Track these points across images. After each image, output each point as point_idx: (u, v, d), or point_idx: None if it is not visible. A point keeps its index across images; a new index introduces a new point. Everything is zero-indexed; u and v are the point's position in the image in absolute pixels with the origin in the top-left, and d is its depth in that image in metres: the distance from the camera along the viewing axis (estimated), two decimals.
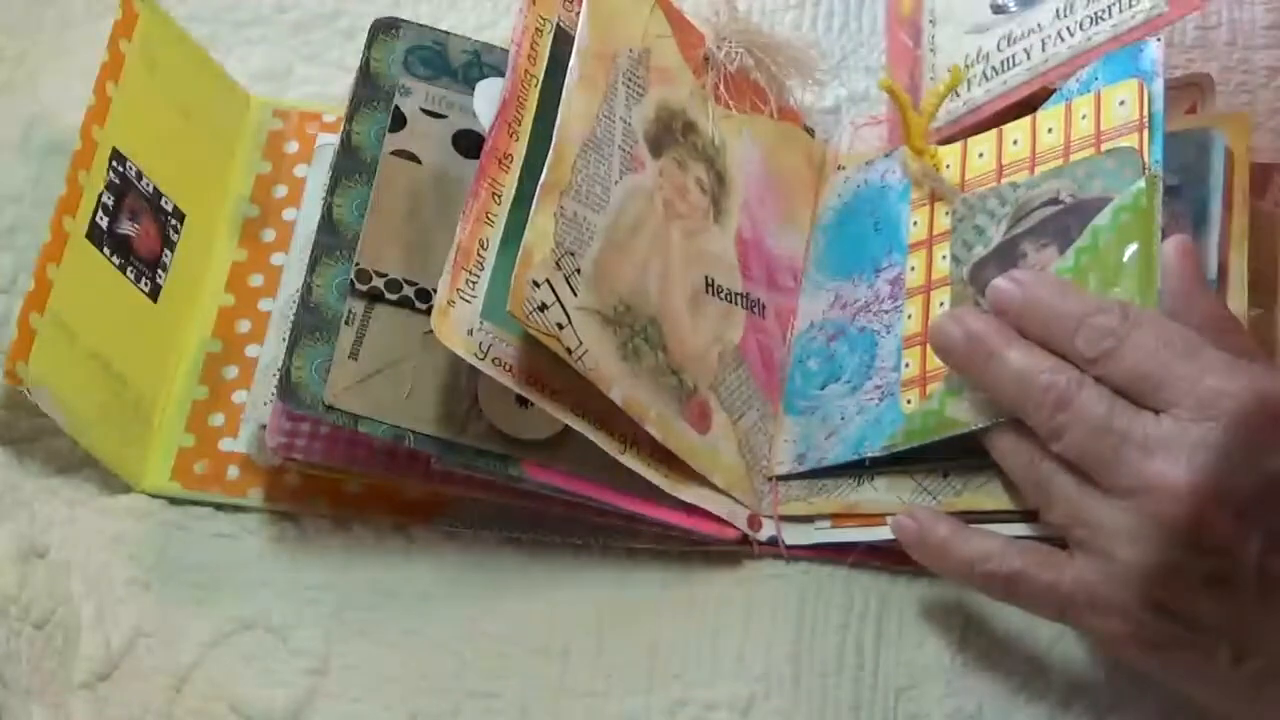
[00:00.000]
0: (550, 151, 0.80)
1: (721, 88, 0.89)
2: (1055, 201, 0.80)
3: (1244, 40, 0.95)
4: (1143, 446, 0.69)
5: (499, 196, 0.81)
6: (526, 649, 0.81)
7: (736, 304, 0.86)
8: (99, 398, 0.84)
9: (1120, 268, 0.75)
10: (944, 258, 0.83)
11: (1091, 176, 0.79)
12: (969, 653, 0.80)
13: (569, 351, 0.78)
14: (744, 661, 0.80)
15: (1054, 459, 0.72)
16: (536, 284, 0.78)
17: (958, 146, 0.85)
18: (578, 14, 0.83)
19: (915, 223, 0.86)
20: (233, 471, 0.86)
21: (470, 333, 0.78)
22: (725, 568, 0.83)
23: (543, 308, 0.78)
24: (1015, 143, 0.83)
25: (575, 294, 0.79)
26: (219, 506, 0.85)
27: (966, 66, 0.88)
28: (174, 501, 0.86)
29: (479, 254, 0.80)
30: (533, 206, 0.78)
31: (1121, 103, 0.79)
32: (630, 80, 0.85)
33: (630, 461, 0.81)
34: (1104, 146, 0.79)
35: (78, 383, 0.83)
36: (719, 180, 0.87)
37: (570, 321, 0.79)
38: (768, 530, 0.83)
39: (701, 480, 0.83)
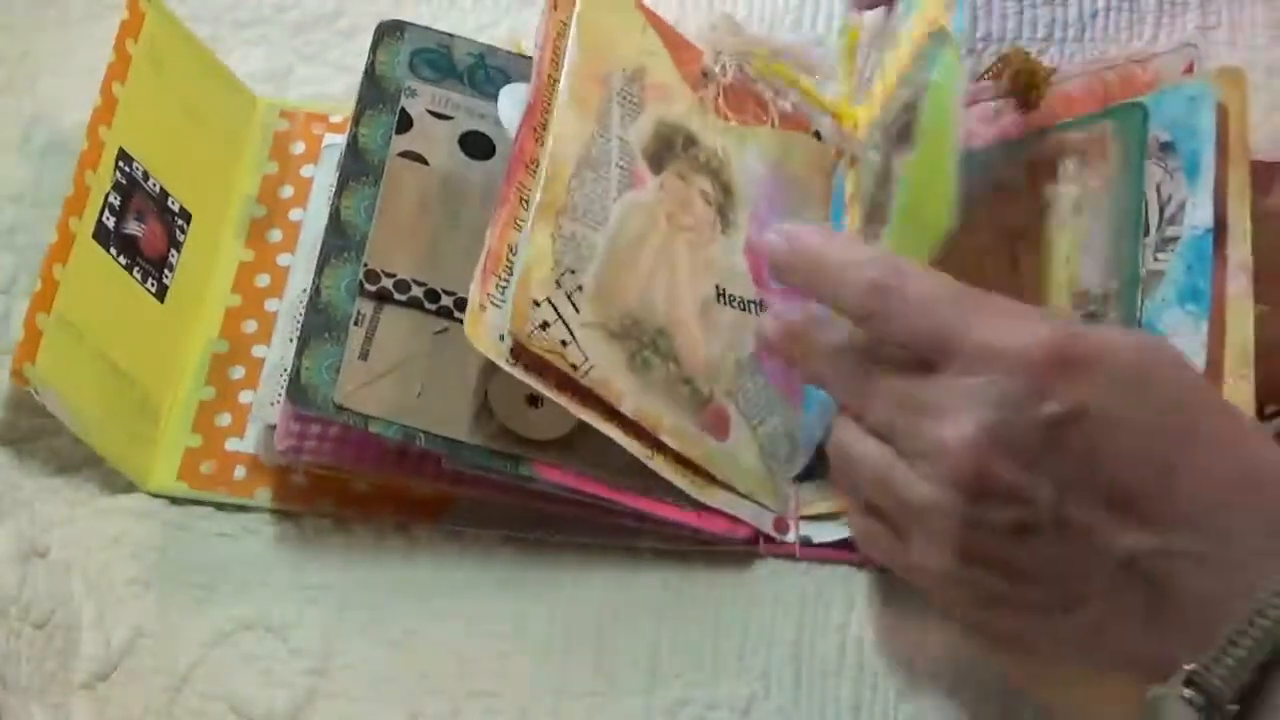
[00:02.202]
0: (541, 172, 0.80)
1: (721, 101, 0.89)
2: (908, 107, 0.80)
3: (1245, 40, 0.94)
4: (922, 409, 0.69)
5: (527, 202, 0.81)
6: (527, 649, 0.81)
7: (750, 311, 0.86)
8: (106, 398, 0.84)
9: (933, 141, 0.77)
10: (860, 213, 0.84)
11: (920, 70, 0.80)
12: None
13: (574, 367, 0.79)
14: (744, 661, 0.80)
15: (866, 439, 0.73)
16: (536, 303, 0.79)
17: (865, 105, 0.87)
18: None
19: (848, 189, 0.87)
20: (240, 472, 0.86)
21: (501, 338, 0.78)
22: (726, 568, 0.82)
23: (544, 326, 0.78)
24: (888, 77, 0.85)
25: (578, 310, 0.80)
26: (220, 506, 0.85)
27: None
28: (175, 501, 0.85)
29: (508, 259, 0.80)
30: (527, 227, 0.79)
31: None
32: (625, 99, 0.85)
33: (658, 466, 0.81)
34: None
35: (85, 383, 0.83)
36: (725, 192, 0.87)
37: (574, 338, 0.79)
38: (794, 532, 0.83)
39: (727, 485, 0.82)
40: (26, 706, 0.79)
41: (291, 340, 0.83)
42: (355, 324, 0.82)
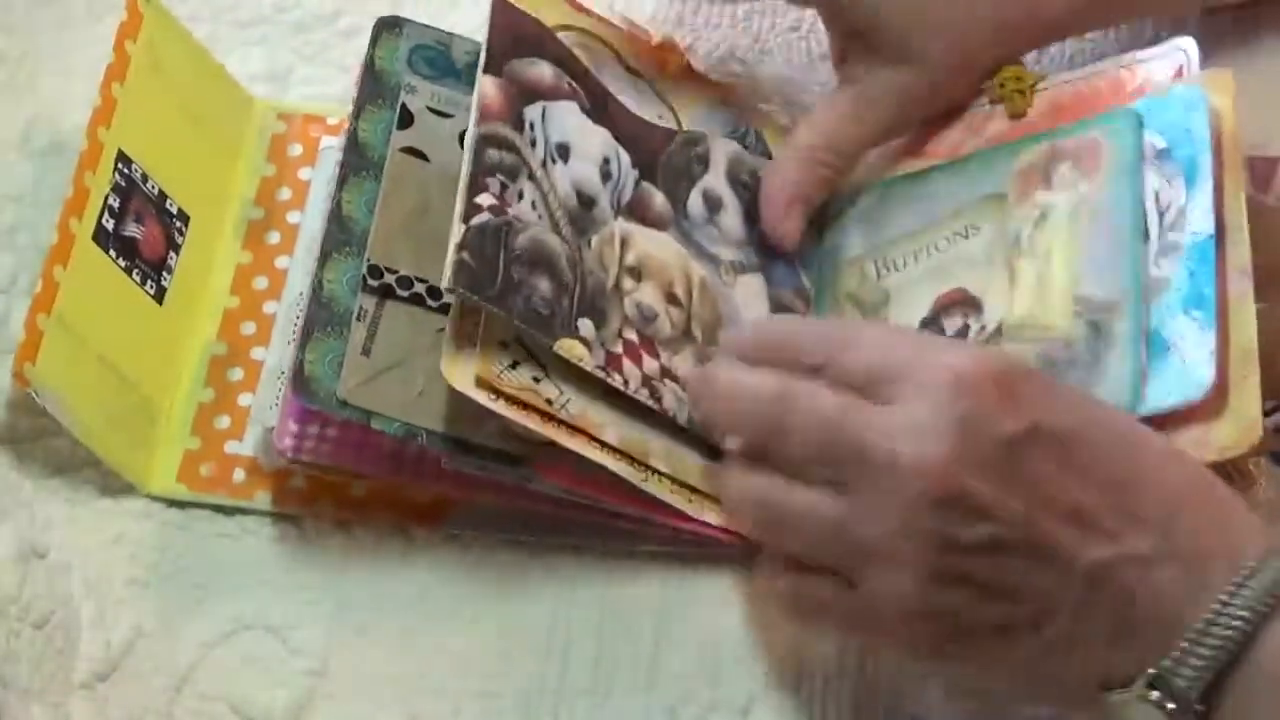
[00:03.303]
0: None
1: None
2: None
3: (1249, 30, 0.95)
4: (886, 434, 0.70)
5: None
6: (527, 649, 0.81)
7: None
8: (106, 400, 0.84)
9: None
10: None
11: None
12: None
13: (549, 403, 0.78)
14: (744, 662, 0.80)
15: (794, 488, 0.73)
16: (504, 344, 0.79)
17: None
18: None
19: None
20: (239, 474, 0.86)
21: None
22: (727, 568, 0.82)
23: (515, 365, 0.78)
24: None
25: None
26: (219, 509, 0.85)
27: None
28: (174, 503, 0.85)
29: None
30: None
31: None
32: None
33: (654, 489, 0.80)
34: None
35: (85, 385, 0.83)
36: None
37: (547, 374, 0.79)
38: None
39: None
40: (26, 707, 0.79)
41: (290, 343, 0.83)
42: (358, 319, 0.82)
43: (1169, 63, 0.85)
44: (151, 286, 0.87)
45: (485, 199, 0.80)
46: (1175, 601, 0.69)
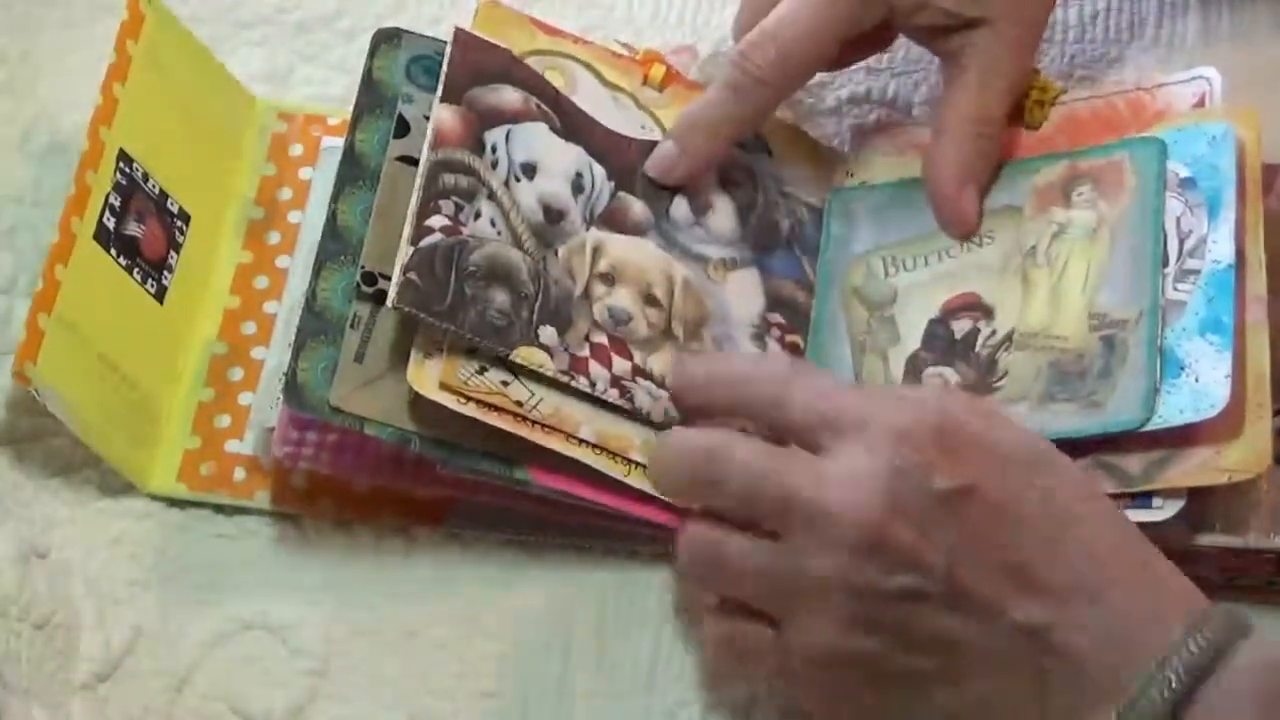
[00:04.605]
0: None
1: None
2: None
3: (1245, 41, 0.95)
4: (816, 482, 0.70)
5: None
6: (527, 649, 0.81)
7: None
8: (107, 399, 0.84)
9: None
10: None
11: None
12: None
13: (519, 404, 0.79)
14: None
15: (731, 535, 0.73)
16: (471, 350, 0.80)
17: None
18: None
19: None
20: (239, 474, 0.86)
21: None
22: None
23: (482, 371, 0.79)
24: None
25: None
26: (220, 508, 0.85)
27: None
28: (175, 502, 0.85)
29: None
30: None
31: None
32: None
33: (636, 481, 0.80)
34: None
35: (86, 384, 0.83)
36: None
37: (516, 377, 0.80)
38: None
39: None
40: (26, 707, 0.79)
41: (290, 343, 0.83)
42: (351, 326, 0.82)
43: (1191, 89, 0.86)
44: (152, 286, 0.87)
45: (437, 220, 0.82)
46: (1103, 668, 0.69)
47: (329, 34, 0.98)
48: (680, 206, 0.87)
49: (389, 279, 0.82)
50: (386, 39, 0.88)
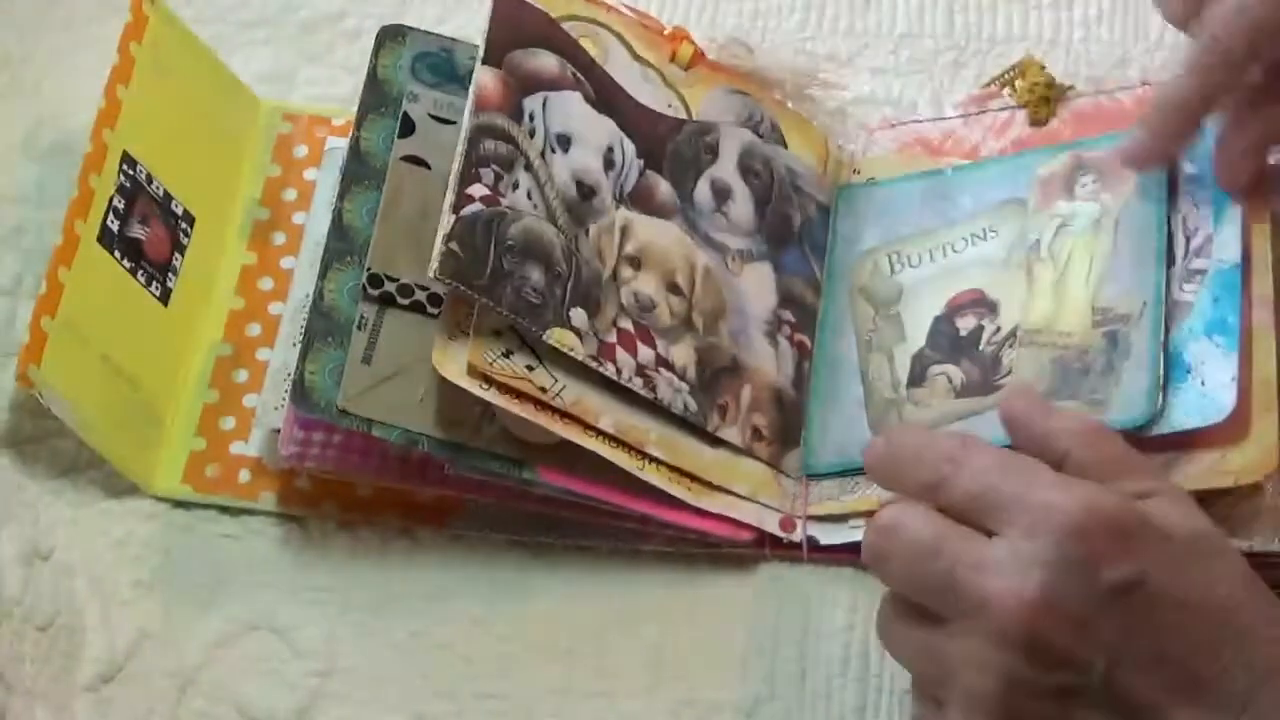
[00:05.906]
0: None
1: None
2: None
3: None
4: (976, 567, 0.68)
5: None
6: (531, 650, 0.81)
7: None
8: (111, 401, 0.84)
9: None
10: None
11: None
12: None
13: (543, 390, 0.79)
14: (749, 663, 0.80)
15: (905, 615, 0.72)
16: (498, 332, 0.79)
17: None
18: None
19: None
20: (244, 475, 0.86)
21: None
22: (731, 569, 0.82)
23: (508, 354, 0.79)
24: None
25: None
26: (225, 509, 0.85)
27: None
28: (179, 504, 0.85)
29: None
30: None
31: None
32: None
33: (650, 477, 0.80)
34: None
35: (90, 386, 0.83)
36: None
37: (541, 362, 0.79)
38: (801, 531, 0.82)
39: (727, 489, 0.82)
40: (31, 709, 0.79)
41: (295, 344, 0.83)
42: (358, 328, 0.82)
43: None
44: (156, 288, 0.87)
45: (478, 189, 0.80)
46: None
47: (333, 34, 0.98)
48: (703, 190, 0.87)
49: (395, 280, 0.82)
50: (391, 36, 0.88)
